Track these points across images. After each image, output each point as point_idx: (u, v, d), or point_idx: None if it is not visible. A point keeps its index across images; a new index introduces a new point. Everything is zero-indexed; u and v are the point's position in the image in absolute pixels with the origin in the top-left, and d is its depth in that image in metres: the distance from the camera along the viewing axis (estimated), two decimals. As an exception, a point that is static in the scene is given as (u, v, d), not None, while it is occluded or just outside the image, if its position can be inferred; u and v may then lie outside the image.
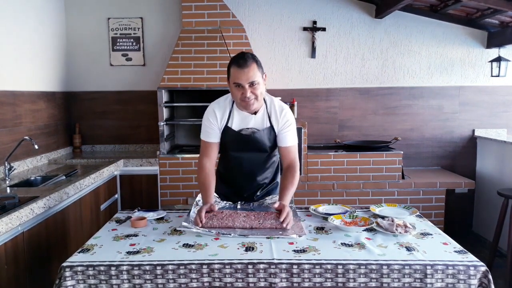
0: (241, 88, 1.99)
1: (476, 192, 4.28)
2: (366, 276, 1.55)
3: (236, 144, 2.15)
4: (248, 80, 1.97)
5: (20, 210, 2.12)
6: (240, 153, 2.17)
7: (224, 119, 2.13)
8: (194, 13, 3.88)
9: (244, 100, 2.00)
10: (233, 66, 2.00)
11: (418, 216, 2.13)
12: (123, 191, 3.71)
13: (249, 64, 1.97)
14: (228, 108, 2.14)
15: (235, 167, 2.22)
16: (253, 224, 1.89)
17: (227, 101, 2.17)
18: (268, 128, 2.13)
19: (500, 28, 4.05)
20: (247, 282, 1.56)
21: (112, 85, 4.26)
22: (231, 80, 2.02)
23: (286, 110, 2.16)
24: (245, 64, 1.96)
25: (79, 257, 1.64)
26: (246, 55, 2.02)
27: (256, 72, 1.99)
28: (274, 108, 2.15)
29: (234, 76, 1.99)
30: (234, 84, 2.00)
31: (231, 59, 2.05)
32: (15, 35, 3.27)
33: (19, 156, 3.20)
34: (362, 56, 4.28)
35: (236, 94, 2.02)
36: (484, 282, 1.54)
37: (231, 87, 2.04)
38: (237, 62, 1.98)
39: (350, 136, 4.35)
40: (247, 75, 1.96)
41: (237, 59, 2.00)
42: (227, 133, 2.14)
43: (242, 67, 1.96)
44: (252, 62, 1.98)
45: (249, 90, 1.98)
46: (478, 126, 4.35)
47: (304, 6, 4.21)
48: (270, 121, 2.13)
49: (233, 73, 1.99)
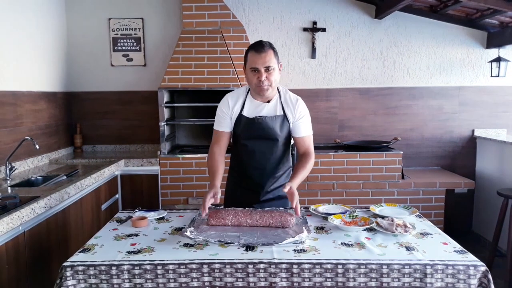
0: (257, 72, 2.04)
1: (476, 192, 4.28)
2: (366, 275, 1.55)
3: (247, 131, 2.17)
4: (264, 64, 2.03)
5: (21, 210, 2.12)
6: (251, 141, 2.18)
7: (237, 108, 2.17)
8: (194, 13, 3.89)
9: (260, 85, 2.05)
10: (250, 51, 2.06)
11: (418, 216, 2.14)
12: (124, 191, 3.72)
13: (266, 50, 2.04)
14: (242, 97, 2.19)
15: (247, 156, 2.20)
16: (258, 223, 1.91)
17: (242, 90, 2.23)
18: (280, 116, 2.16)
19: (499, 28, 4.06)
20: (247, 282, 1.57)
21: (113, 85, 4.27)
22: (248, 65, 2.08)
23: (300, 101, 2.21)
24: (262, 49, 2.03)
25: (80, 256, 1.65)
26: (263, 42, 2.08)
27: (272, 58, 2.05)
28: (289, 98, 2.20)
29: (251, 60, 2.05)
30: (250, 69, 2.06)
31: (249, 46, 2.11)
32: (16, 35, 3.28)
33: (20, 156, 3.20)
34: (362, 56, 4.29)
35: (252, 79, 2.07)
36: (484, 282, 1.55)
37: (248, 73, 2.09)
38: (254, 47, 2.06)
39: (350, 136, 4.35)
40: (263, 59, 2.02)
41: (255, 45, 2.07)
42: (240, 121, 2.17)
43: (260, 51, 2.03)
44: (269, 48, 2.05)
45: (265, 75, 2.04)
46: (477, 126, 4.35)
47: (304, 6, 4.22)
48: (283, 110, 2.17)
49: (250, 57, 2.06)
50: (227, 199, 2.37)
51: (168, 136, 3.91)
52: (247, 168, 2.25)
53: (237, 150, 2.26)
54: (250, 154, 2.20)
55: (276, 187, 2.29)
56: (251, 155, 2.20)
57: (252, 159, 2.21)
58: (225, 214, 1.94)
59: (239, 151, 2.24)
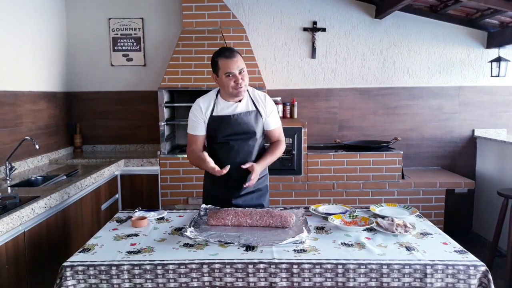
0: (233, 76, 2.13)
1: (476, 192, 4.28)
2: (366, 275, 1.55)
3: (225, 129, 2.22)
4: (238, 68, 2.13)
5: (21, 210, 2.12)
6: (228, 137, 2.23)
7: (209, 110, 2.25)
8: (194, 13, 3.89)
9: (237, 87, 2.14)
10: (221, 58, 2.15)
11: (418, 216, 2.14)
12: (124, 191, 3.71)
13: (236, 54, 2.15)
14: (212, 99, 2.27)
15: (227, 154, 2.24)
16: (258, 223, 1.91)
17: (211, 93, 2.31)
18: (254, 111, 2.27)
19: (500, 28, 4.06)
20: (247, 282, 1.57)
21: (112, 85, 4.27)
22: (222, 71, 2.14)
23: (268, 97, 2.35)
24: (232, 55, 2.14)
25: (80, 256, 1.65)
26: (230, 47, 2.23)
27: (241, 60, 2.17)
28: (259, 95, 2.32)
29: (225, 66, 2.13)
30: (225, 74, 2.14)
31: (215, 54, 2.19)
32: (16, 35, 3.27)
33: (20, 156, 3.20)
34: (362, 56, 4.29)
35: (228, 84, 2.15)
36: (484, 282, 1.55)
37: (222, 78, 2.16)
38: (224, 54, 2.15)
39: (350, 136, 4.35)
40: (236, 64, 2.13)
41: (223, 52, 2.16)
42: (212, 121, 2.24)
43: (231, 57, 2.13)
44: (237, 53, 2.17)
45: (240, 77, 2.14)
46: (477, 126, 4.35)
47: (304, 6, 4.22)
48: (255, 106, 2.28)
49: (223, 63, 2.14)
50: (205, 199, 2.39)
51: (168, 136, 3.91)
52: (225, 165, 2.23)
53: (214, 151, 2.28)
54: (229, 152, 2.24)
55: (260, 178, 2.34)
56: (230, 153, 2.24)
57: (233, 156, 2.23)
58: (225, 214, 1.94)
59: (218, 151, 2.27)
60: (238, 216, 1.94)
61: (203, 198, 2.44)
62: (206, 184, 2.41)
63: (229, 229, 1.89)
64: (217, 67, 2.16)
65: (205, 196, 2.42)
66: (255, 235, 1.80)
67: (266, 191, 2.41)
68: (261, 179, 2.36)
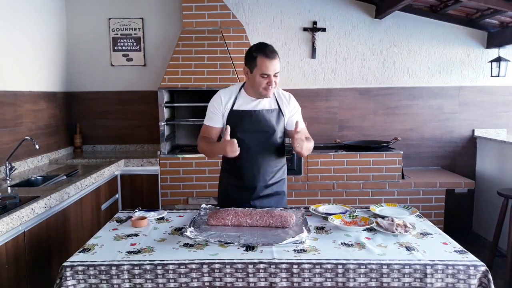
0: (267, 77, 2.09)
1: (476, 192, 4.28)
2: (366, 275, 1.55)
3: (244, 124, 2.18)
4: (275, 71, 2.10)
5: (21, 210, 2.12)
6: (247, 135, 2.18)
7: (229, 103, 2.21)
8: (194, 13, 3.89)
9: (268, 88, 2.11)
10: (261, 56, 2.08)
11: (418, 216, 2.14)
12: (124, 191, 3.71)
13: (276, 56, 2.11)
14: (235, 93, 2.23)
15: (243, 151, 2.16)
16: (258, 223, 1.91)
17: (235, 87, 2.27)
18: (276, 110, 2.23)
19: (500, 28, 4.06)
20: (247, 282, 1.57)
21: (112, 85, 4.27)
22: (258, 70, 2.09)
23: (292, 97, 2.32)
24: (273, 56, 2.09)
25: (80, 256, 1.65)
26: (271, 46, 2.12)
27: (279, 63, 2.13)
28: (283, 94, 2.29)
29: (263, 66, 2.07)
30: (261, 74, 2.09)
31: (256, 48, 2.12)
32: (16, 35, 3.27)
33: (20, 156, 3.20)
34: (362, 56, 4.29)
35: (260, 83, 2.11)
36: (484, 282, 1.55)
37: (255, 76, 2.11)
38: (265, 52, 2.08)
39: (350, 136, 4.35)
40: (274, 66, 2.09)
41: (265, 50, 2.08)
42: (232, 115, 2.20)
43: (271, 58, 2.08)
44: (277, 54, 2.12)
45: (273, 80, 2.10)
46: (477, 126, 4.35)
47: (304, 6, 4.22)
48: (278, 105, 2.24)
49: (262, 62, 2.07)
50: (222, 200, 2.35)
51: (168, 136, 3.91)
52: (243, 164, 2.22)
53: None
54: (247, 149, 2.18)
55: (274, 182, 2.29)
56: (249, 150, 2.19)
57: (250, 154, 2.20)
58: (225, 214, 1.94)
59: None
60: (238, 216, 1.94)
61: (218, 199, 2.39)
62: (222, 185, 2.36)
63: (229, 229, 1.88)
64: (254, 63, 2.09)
65: (220, 197, 2.37)
66: (255, 235, 1.80)
67: (284, 194, 2.36)
68: (279, 183, 2.32)
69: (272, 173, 2.28)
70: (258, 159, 2.22)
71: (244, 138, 2.18)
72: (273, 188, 2.29)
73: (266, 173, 2.25)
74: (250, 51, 2.14)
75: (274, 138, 2.23)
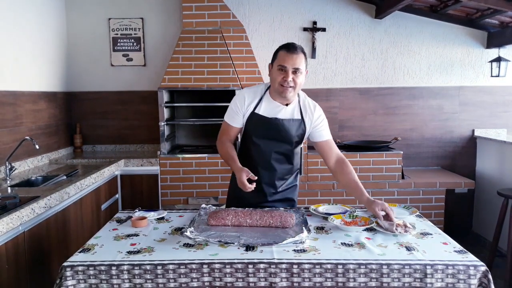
0: (284, 72, 2.03)
1: (476, 192, 4.28)
2: (366, 275, 1.55)
3: (261, 130, 2.14)
4: (294, 66, 2.01)
5: (21, 210, 2.12)
6: (264, 141, 2.15)
7: (252, 105, 2.14)
8: (194, 13, 3.89)
9: (283, 83, 2.03)
10: (282, 50, 2.05)
11: (418, 216, 2.14)
12: (124, 191, 3.71)
13: (298, 52, 2.03)
14: (259, 95, 2.16)
15: (258, 156, 2.15)
16: (258, 223, 1.91)
17: (260, 87, 2.20)
18: (298, 121, 2.15)
19: (500, 28, 4.06)
20: (247, 282, 1.57)
21: (112, 85, 4.27)
22: (276, 62, 2.05)
23: (318, 106, 2.22)
24: (294, 50, 2.02)
25: (79, 256, 1.65)
26: (296, 44, 2.07)
27: (302, 61, 2.04)
28: (308, 104, 2.20)
29: (281, 58, 2.03)
30: (278, 67, 2.03)
31: (281, 45, 2.09)
32: (16, 35, 3.27)
33: (20, 156, 3.20)
34: (362, 56, 4.29)
35: (277, 77, 2.05)
36: (484, 282, 1.55)
37: (273, 70, 2.07)
38: (287, 46, 2.05)
39: (350, 136, 4.35)
40: (294, 60, 2.01)
41: (287, 45, 2.06)
42: (252, 118, 2.14)
43: (291, 52, 2.02)
44: (300, 52, 2.04)
45: (291, 76, 2.02)
46: (478, 126, 4.35)
47: (304, 6, 4.22)
48: (301, 115, 2.16)
49: (281, 55, 2.04)
50: (231, 200, 2.32)
51: (168, 136, 3.90)
52: (256, 168, 2.17)
53: (247, 148, 2.21)
54: (262, 154, 2.16)
55: (285, 188, 2.28)
56: (263, 156, 2.16)
57: (264, 160, 2.17)
58: (225, 214, 1.94)
59: (250, 149, 2.19)
60: (238, 216, 1.94)
61: (227, 201, 2.36)
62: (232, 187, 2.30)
63: (229, 229, 1.88)
64: (275, 57, 2.07)
65: (230, 199, 2.33)
66: (255, 235, 1.79)
67: (295, 202, 2.34)
68: (290, 189, 2.31)
69: (284, 180, 2.27)
70: (272, 165, 2.18)
71: (259, 144, 2.15)
72: (284, 194, 2.28)
73: (279, 179, 2.24)
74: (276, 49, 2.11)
75: (291, 148, 2.19)
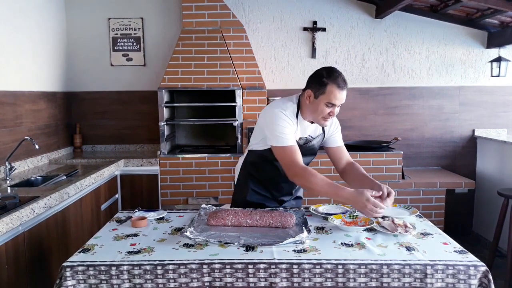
0: (332, 107, 2.01)
1: (476, 192, 4.28)
2: (366, 276, 1.55)
3: None
4: (342, 102, 2.02)
5: (21, 210, 2.12)
6: None
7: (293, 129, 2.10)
8: (194, 13, 3.88)
9: (327, 118, 2.05)
10: (333, 85, 1.97)
11: (418, 216, 2.13)
12: (124, 191, 3.71)
13: (346, 87, 2.01)
14: (294, 119, 2.11)
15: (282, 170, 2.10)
16: (258, 223, 1.91)
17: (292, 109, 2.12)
18: (320, 135, 2.24)
19: (500, 28, 4.05)
20: (247, 282, 1.56)
21: (112, 85, 4.27)
22: (326, 98, 1.98)
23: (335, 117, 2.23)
24: (344, 87, 1.99)
25: (79, 257, 1.64)
26: (343, 75, 2.01)
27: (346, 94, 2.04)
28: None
29: (333, 95, 1.98)
30: (327, 103, 2.00)
31: (327, 73, 2.00)
32: (16, 35, 3.27)
33: (20, 156, 3.20)
34: (362, 56, 4.28)
35: (322, 112, 2.02)
36: (484, 282, 1.55)
37: (319, 104, 2.00)
38: (337, 81, 1.97)
39: (350, 136, 4.34)
40: (343, 97, 2.01)
41: (336, 78, 1.98)
42: None
43: (343, 89, 1.99)
44: (347, 85, 2.02)
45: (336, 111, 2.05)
46: (478, 126, 4.35)
47: (304, 6, 4.21)
48: (323, 129, 2.23)
49: (332, 91, 1.97)
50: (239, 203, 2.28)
51: (168, 136, 3.90)
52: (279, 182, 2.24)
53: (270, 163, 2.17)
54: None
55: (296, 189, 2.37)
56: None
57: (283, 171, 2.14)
58: (225, 214, 1.94)
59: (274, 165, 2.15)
60: (238, 216, 1.94)
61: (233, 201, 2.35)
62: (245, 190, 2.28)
63: (229, 229, 1.88)
64: (323, 89, 1.98)
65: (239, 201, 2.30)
66: (255, 235, 1.79)
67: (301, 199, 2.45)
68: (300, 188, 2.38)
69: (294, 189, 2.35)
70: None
71: None
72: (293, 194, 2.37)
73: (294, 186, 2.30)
74: (320, 75, 2.01)
75: (313, 157, 2.29)
